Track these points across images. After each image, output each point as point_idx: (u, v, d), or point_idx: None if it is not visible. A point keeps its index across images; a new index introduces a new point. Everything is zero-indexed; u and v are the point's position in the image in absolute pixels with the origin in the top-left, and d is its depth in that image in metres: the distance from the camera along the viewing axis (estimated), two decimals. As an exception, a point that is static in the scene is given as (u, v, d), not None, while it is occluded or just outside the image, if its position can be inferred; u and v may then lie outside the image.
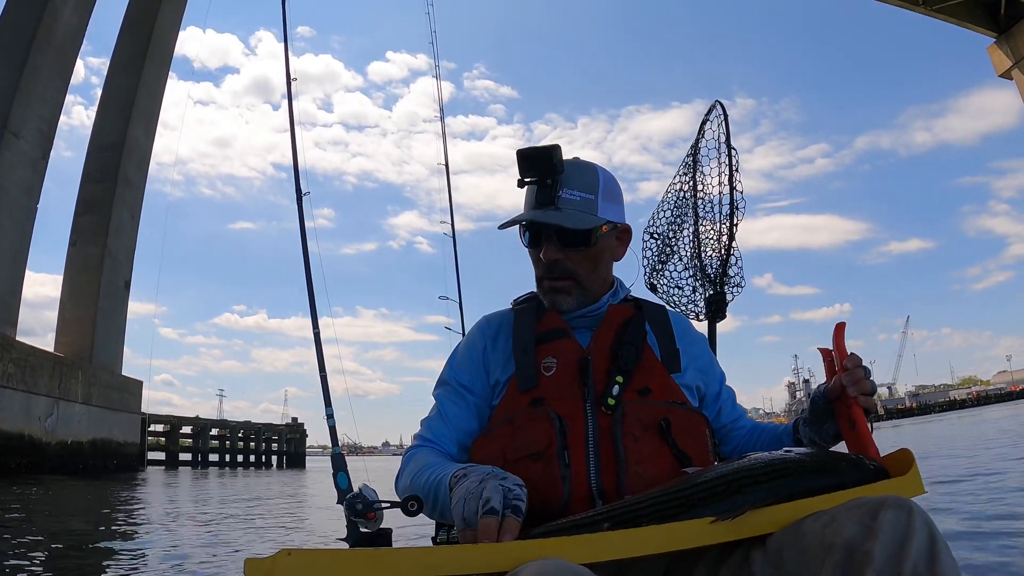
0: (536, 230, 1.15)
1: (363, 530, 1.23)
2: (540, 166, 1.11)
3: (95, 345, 21.73)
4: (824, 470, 0.89)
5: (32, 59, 17.63)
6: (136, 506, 9.46)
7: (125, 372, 24.50)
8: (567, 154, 1.14)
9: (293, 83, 3.34)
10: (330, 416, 2.71)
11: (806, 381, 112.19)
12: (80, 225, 22.83)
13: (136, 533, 6.22)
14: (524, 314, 1.20)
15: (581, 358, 1.10)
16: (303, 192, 3.13)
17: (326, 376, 2.82)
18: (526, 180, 1.13)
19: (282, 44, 3.37)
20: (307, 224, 3.06)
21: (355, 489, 1.06)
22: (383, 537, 1.26)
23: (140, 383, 25.22)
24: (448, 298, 4.27)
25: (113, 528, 6.64)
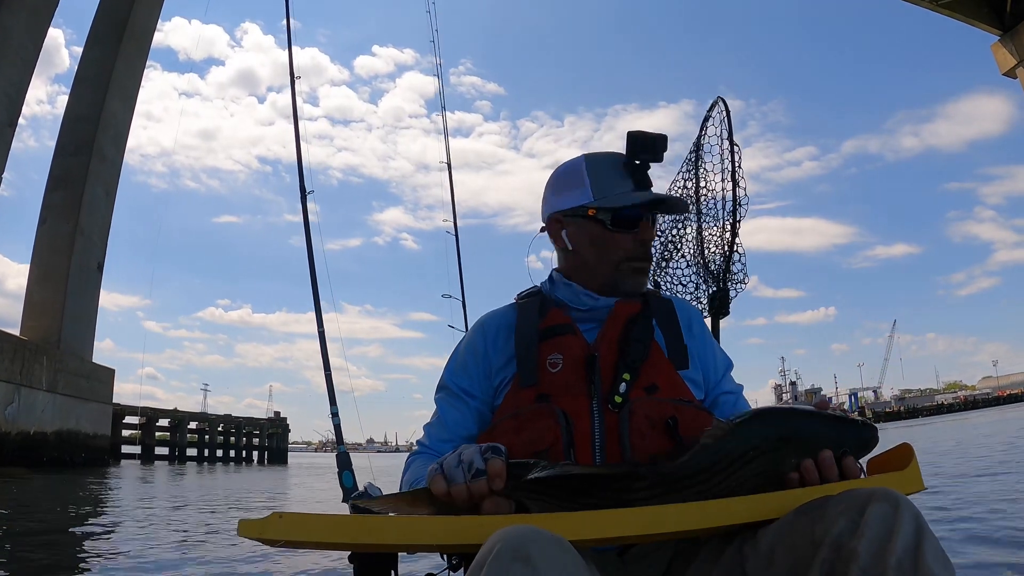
0: (641, 211, 1.16)
1: None
2: (655, 150, 1.15)
3: (63, 329, 20.44)
4: (810, 415, 0.89)
5: (1, 19, 16.47)
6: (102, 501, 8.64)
7: (116, 367, 23.47)
8: (556, 153, 1.07)
9: (297, 81, 3.45)
10: (335, 415, 2.70)
11: (792, 383, 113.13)
12: (51, 202, 21.55)
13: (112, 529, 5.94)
14: (527, 310, 1.18)
15: (588, 355, 1.08)
16: (308, 191, 3.17)
17: (331, 374, 2.80)
18: (638, 160, 1.16)
19: (269, 36, 3.36)
20: (311, 221, 3.13)
21: (360, 487, 1.18)
22: None
23: (112, 371, 24.01)
24: (451, 296, 4.42)
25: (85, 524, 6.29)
